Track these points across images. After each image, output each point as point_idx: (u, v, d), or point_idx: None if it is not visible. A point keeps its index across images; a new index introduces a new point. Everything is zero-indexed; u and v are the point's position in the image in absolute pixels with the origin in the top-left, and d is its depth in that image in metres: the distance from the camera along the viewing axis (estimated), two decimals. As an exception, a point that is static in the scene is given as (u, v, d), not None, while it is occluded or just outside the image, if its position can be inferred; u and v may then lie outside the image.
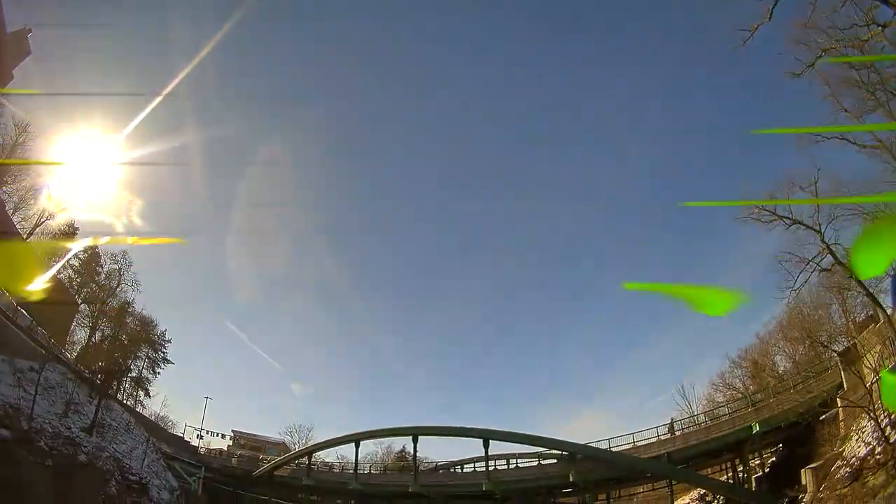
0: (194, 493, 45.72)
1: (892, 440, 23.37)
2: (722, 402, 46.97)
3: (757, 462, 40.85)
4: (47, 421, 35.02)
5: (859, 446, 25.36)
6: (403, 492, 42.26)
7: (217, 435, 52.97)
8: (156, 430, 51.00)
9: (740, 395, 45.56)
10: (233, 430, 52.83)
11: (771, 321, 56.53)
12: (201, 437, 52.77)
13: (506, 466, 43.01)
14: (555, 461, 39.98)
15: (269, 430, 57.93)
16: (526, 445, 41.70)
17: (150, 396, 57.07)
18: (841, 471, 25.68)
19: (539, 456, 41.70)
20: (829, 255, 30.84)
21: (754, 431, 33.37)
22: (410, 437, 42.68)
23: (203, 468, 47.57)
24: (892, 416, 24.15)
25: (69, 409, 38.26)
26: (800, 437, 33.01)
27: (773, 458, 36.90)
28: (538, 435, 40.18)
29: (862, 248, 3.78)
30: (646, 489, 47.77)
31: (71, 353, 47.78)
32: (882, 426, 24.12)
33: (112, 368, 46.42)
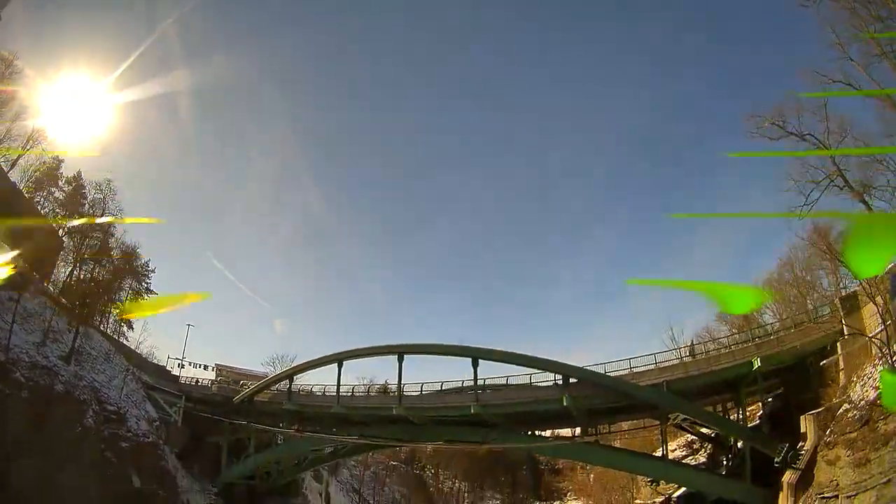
0: (174, 424, 45.19)
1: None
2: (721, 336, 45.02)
3: (752, 408, 39.62)
4: (24, 351, 33.95)
5: (867, 391, 23.84)
6: (387, 415, 41.40)
7: (200, 366, 52.49)
8: (137, 360, 50.03)
9: (738, 332, 43.80)
10: (216, 364, 52.20)
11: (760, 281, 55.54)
12: (182, 367, 52.18)
13: (497, 390, 41.43)
14: (547, 385, 38.28)
15: (252, 365, 58.26)
16: (517, 368, 39.49)
17: (132, 328, 57.01)
18: (849, 414, 24.43)
19: (531, 383, 39.36)
20: (838, 178, 27.71)
21: (755, 367, 31.68)
22: (396, 361, 41.05)
23: (183, 398, 46.82)
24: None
25: (47, 338, 37.11)
26: (796, 385, 31.73)
27: (770, 402, 35.01)
28: (530, 355, 38.13)
29: (858, 246, 3.58)
30: (634, 425, 46.68)
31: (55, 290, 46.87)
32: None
33: (93, 291, 45.61)
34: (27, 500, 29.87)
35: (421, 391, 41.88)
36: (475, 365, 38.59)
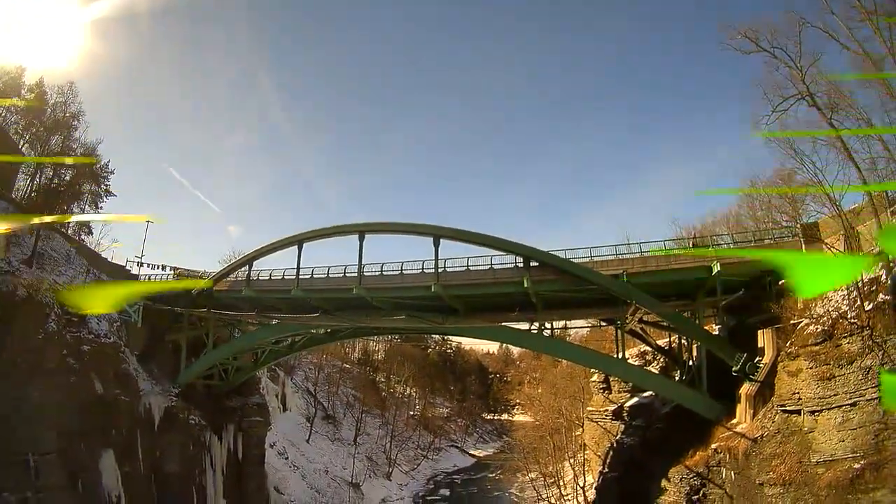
0: (134, 324, 44.19)
1: (867, 308, 22.36)
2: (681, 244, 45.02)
3: (707, 327, 40.00)
4: None
5: (829, 310, 24.31)
6: (347, 298, 40.34)
7: (157, 267, 50.87)
8: (96, 260, 48.80)
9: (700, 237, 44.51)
10: (172, 267, 50.59)
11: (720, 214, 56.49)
12: (141, 266, 50.60)
13: (456, 272, 39.27)
14: (508, 267, 37.24)
15: (209, 269, 56.58)
16: (478, 256, 38.14)
17: (91, 234, 55.15)
18: (811, 327, 24.85)
19: (492, 266, 37.65)
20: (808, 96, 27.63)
21: (714, 272, 31.94)
22: (357, 250, 39.92)
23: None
24: (865, 286, 23.13)
25: (9, 243, 35.76)
26: (752, 305, 31.83)
27: (726, 319, 35.30)
28: (492, 235, 37.21)
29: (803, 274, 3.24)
30: (590, 324, 46.88)
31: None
32: (862, 290, 23.05)
33: (55, 192, 43.99)
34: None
35: (381, 272, 40.35)
36: (436, 244, 37.96)
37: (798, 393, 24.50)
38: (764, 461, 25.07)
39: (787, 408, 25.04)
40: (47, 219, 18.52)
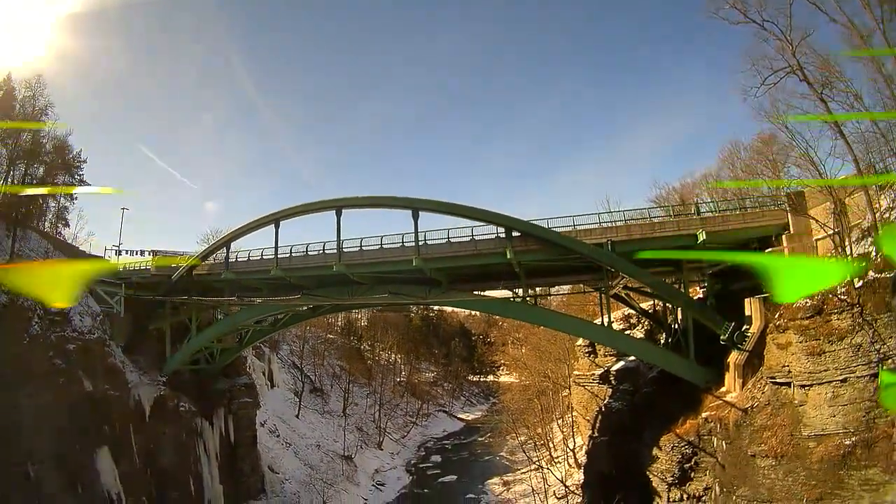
0: (117, 315, 43.59)
1: (857, 285, 22.59)
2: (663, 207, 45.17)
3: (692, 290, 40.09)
4: None
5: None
6: (327, 275, 40.06)
7: (136, 253, 49.95)
8: (75, 254, 47.69)
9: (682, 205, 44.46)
10: (151, 249, 49.75)
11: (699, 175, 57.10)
12: (120, 254, 49.74)
13: (438, 244, 38.73)
14: (490, 238, 36.81)
15: (188, 249, 55.42)
16: (459, 228, 37.70)
17: (68, 226, 54.12)
18: (800, 301, 24.93)
19: (473, 237, 37.29)
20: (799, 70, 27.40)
21: (700, 240, 31.72)
22: (334, 223, 39.13)
23: (123, 285, 44.65)
24: (857, 262, 23.35)
25: None
26: (738, 273, 31.82)
27: (711, 287, 35.42)
28: (472, 206, 36.67)
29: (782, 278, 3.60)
30: (574, 289, 46.74)
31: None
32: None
33: (27, 196, 42.90)
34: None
35: (360, 247, 39.66)
36: (415, 217, 37.42)
37: (788, 366, 24.81)
38: (755, 433, 25.52)
39: (777, 380, 25.39)
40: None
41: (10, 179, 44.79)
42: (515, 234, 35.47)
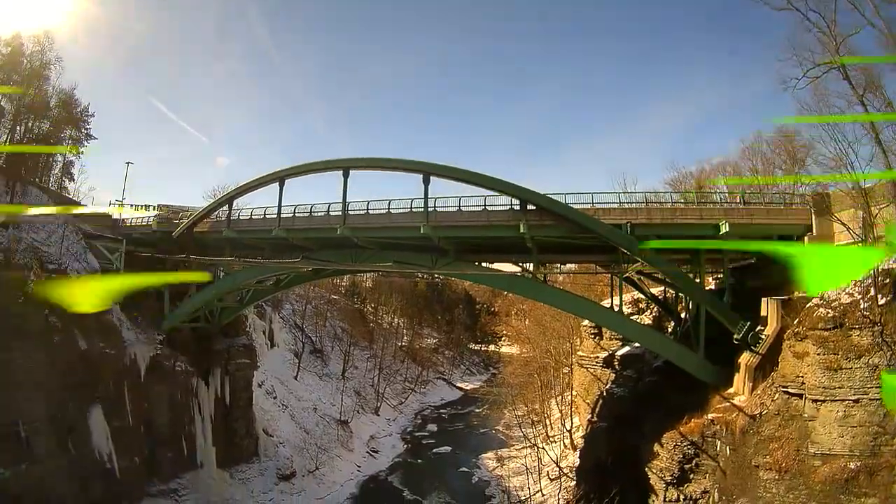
0: (115, 271, 42.84)
1: (880, 302, 21.50)
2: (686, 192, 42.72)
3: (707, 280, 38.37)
4: None
5: (840, 294, 23.39)
6: (331, 238, 38.53)
7: (141, 207, 49.09)
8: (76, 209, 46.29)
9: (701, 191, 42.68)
10: (158, 204, 48.75)
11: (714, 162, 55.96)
12: (123, 206, 49.03)
13: (448, 212, 36.98)
14: (504, 210, 34.98)
15: (197, 203, 54.13)
16: (471, 194, 35.83)
17: (73, 180, 54.02)
18: (821, 310, 23.88)
19: (486, 207, 35.37)
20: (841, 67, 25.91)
21: (722, 231, 30.26)
22: (341, 184, 37.72)
23: (124, 242, 44.30)
24: (881, 278, 22.32)
25: None
26: (755, 269, 30.80)
27: (726, 281, 33.85)
28: (487, 174, 34.40)
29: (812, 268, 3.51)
30: (584, 269, 44.95)
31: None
32: (877, 283, 22.07)
33: (36, 140, 42.33)
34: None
35: (367, 211, 38.22)
36: (426, 182, 35.63)
37: (802, 377, 23.79)
38: (761, 442, 24.61)
39: (790, 390, 24.38)
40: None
41: (15, 135, 44.43)
42: (530, 207, 33.73)
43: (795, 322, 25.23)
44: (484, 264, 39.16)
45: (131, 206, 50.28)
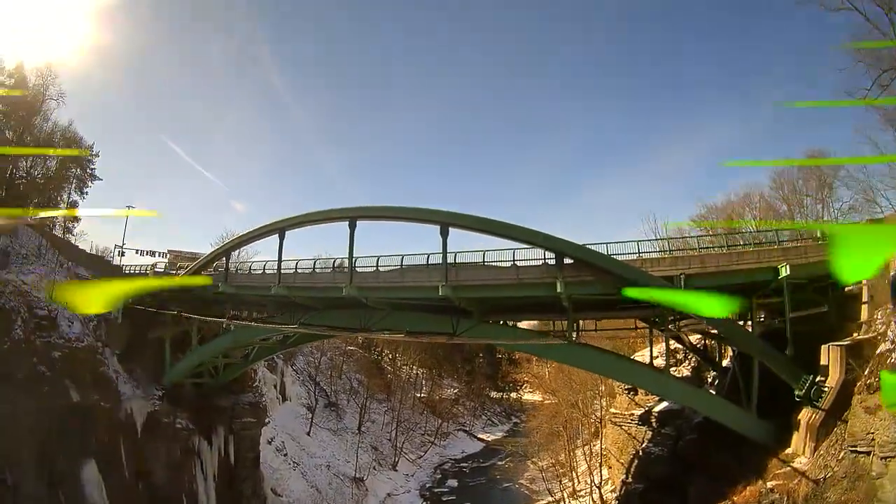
0: (114, 321, 40.52)
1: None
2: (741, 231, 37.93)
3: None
4: None
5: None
6: (336, 297, 34.24)
7: (146, 253, 47.50)
8: (72, 253, 45.00)
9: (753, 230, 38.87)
10: (168, 249, 47.14)
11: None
12: (123, 255, 47.26)
13: (470, 268, 32.85)
14: (536, 265, 30.41)
15: (206, 249, 52.47)
16: (499, 240, 30.79)
17: (78, 220, 52.40)
18: (894, 356, 20.66)
19: (514, 262, 31.04)
20: None
21: (782, 274, 26.32)
22: (347, 226, 33.56)
23: None
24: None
25: None
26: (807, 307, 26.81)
27: (770, 322, 30.06)
28: (515, 224, 29.63)
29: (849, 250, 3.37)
30: (621, 324, 40.70)
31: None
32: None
33: (35, 187, 41.42)
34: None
35: (377, 267, 34.64)
36: (444, 234, 31.28)
37: (873, 434, 20.43)
38: (827, 511, 21.17)
39: (859, 449, 20.94)
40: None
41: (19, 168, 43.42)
42: (567, 261, 29.49)
43: (867, 372, 21.97)
44: (510, 322, 35.45)
45: (137, 251, 48.36)
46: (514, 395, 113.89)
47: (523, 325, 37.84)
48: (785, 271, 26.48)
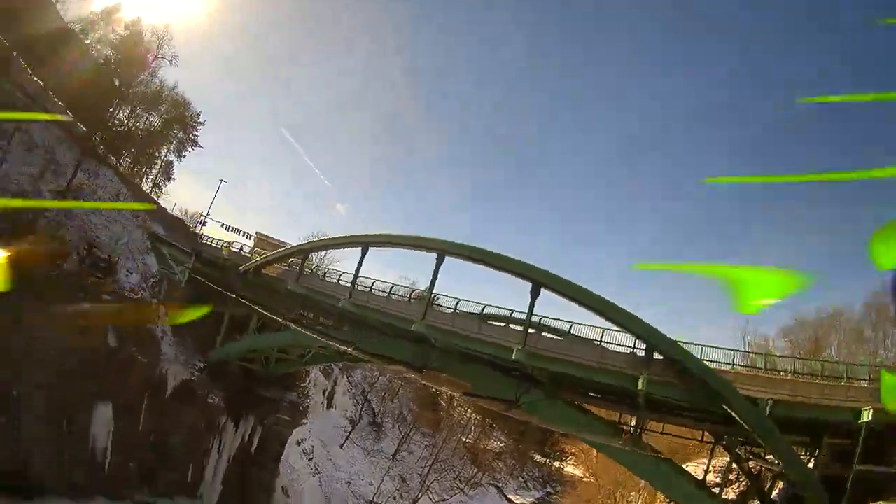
0: (177, 283, 41.78)
1: None
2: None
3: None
4: (14, 181, 31.64)
5: None
6: (404, 329, 32.44)
7: (230, 229, 49.17)
8: (148, 203, 46.98)
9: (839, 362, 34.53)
10: (257, 232, 48.89)
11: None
12: (204, 224, 49.12)
13: (551, 337, 30.57)
14: (622, 352, 27.78)
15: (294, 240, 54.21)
16: (591, 314, 27.67)
17: (171, 179, 55.45)
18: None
19: (600, 342, 28.68)
20: None
21: (863, 419, 22.83)
22: (435, 258, 31.34)
23: (193, 256, 42.97)
24: None
25: (47, 170, 34.40)
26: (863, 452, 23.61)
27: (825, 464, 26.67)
28: (613, 302, 26.53)
29: None
30: (681, 431, 36.90)
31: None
32: None
33: (134, 136, 43.72)
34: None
35: (455, 310, 33.00)
36: (534, 295, 28.56)
37: None
38: None
39: None
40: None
41: (127, 125, 45.64)
42: (657, 356, 26.62)
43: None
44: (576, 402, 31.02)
45: (223, 225, 50.08)
46: (556, 463, 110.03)
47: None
48: (868, 416, 23.11)
